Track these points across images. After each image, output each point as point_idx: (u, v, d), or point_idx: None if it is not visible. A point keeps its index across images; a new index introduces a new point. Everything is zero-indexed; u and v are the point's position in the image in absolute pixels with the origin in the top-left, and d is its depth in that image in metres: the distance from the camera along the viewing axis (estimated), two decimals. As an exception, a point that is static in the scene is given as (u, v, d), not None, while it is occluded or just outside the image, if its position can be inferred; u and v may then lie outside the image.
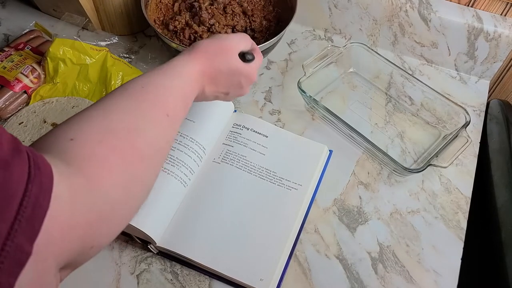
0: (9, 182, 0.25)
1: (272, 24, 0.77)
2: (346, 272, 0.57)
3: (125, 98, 0.40)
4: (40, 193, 0.26)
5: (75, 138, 0.34)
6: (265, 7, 0.78)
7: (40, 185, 0.26)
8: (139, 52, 0.81)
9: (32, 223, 0.25)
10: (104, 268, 0.56)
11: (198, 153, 0.62)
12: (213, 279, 0.56)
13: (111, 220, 0.34)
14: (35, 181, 0.26)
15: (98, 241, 0.33)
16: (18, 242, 0.24)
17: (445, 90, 0.77)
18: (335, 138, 0.70)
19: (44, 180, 0.27)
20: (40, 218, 0.26)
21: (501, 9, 0.74)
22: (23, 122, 0.67)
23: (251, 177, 0.62)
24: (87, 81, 0.73)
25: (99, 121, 0.36)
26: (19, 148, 0.27)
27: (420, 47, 0.80)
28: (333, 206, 0.63)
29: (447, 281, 0.57)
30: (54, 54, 0.70)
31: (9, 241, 0.23)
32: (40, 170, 0.27)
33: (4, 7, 0.87)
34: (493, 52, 0.76)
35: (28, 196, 0.25)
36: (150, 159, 0.38)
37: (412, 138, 0.70)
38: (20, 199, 0.25)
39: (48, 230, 0.26)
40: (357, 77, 0.78)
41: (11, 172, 0.25)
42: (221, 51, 0.50)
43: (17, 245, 0.24)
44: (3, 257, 0.23)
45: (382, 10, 0.78)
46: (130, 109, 0.39)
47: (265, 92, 0.76)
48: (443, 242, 0.60)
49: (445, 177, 0.67)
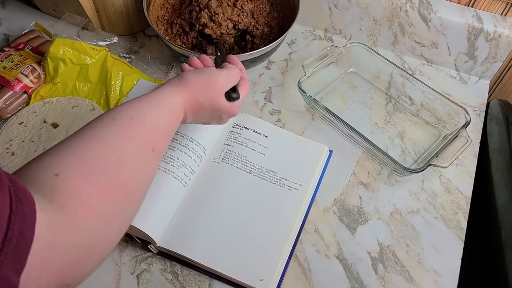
0: None
1: (273, 31, 0.77)
2: (346, 272, 0.57)
3: (113, 131, 0.39)
4: (23, 225, 0.26)
5: (60, 173, 0.33)
6: (270, 13, 0.78)
7: (23, 217, 0.26)
8: (139, 52, 0.81)
9: (18, 255, 0.25)
10: (104, 268, 0.56)
11: (198, 153, 0.62)
12: (213, 279, 0.56)
13: (90, 258, 0.34)
14: (18, 213, 0.26)
15: (74, 280, 0.33)
16: (4, 275, 0.24)
17: (445, 90, 0.77)
18: (335, 138, 0.70)
19: (27, 212, 0.27)
20: (26, 250, 0.26)
21: (501, 9, 0.74)
22: (23, 122, 0.67)
23: (251, 177, 0.62)
24: (87, 81, 0.73)
25: (85, 154, 0.36)
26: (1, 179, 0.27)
27: (420, 47, 0.80)
28: (333, 206, 0.63)
29: (447, 281, 0.57)
30: (54, 54, 0.70)
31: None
32: (21, 202, 0.27)
33: (4, 7, 0.87)
34: (493, 52, 0.76)
35: (12, 228, 0.25)
36: (133, 194, 0.38)
37: (412, 138, 0.70)
38: (5, 231, 0.25)
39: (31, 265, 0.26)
40: (357, 77, 0.78)
41: None
42: (208, 88, 0.50)
43: (4, 277, 0.24)
44: None
45: (382, 10, 0.78)
46: (118, 143, 0.39)
47: (265, 92, 0.76)
48: (443, 242, 0.60)
49: (445, 177, 0.67)
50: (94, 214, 0.33)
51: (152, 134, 0.42)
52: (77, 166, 0.34)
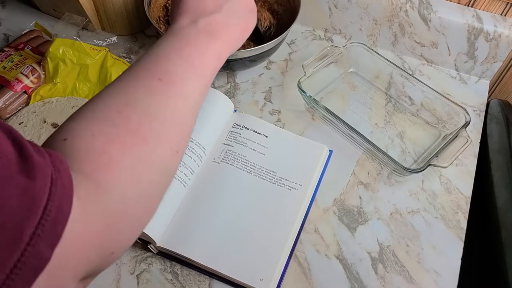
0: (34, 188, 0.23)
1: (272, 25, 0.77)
2: (346, 272, 0.57)
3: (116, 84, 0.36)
4: (62, 197, 0.25)
5: (68, 137, 0.30)
6: (271, 13, 0.78)
7: (62, 187, 0.25)
8: (139, 52, 0.81)
9: (55, 228, 0.24)
10: (104, 268, 0.56)
11: (198, 153, 0.62)
12: (213, 279, 0.56)
13: (127, 219, 0.31)
14: (58, 184, 0.25)
15: (117, 245, 0.31)
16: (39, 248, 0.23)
17: (445, 90, 0.77)
18: (335, 138, 0.70)
19: (65, 183, 0.26)
20: (63, 223, 0.24)
21: (501, 9, 0.74)
22: (23, 122, 0.67)
23: (251, 177, 0.62)
24: (87, 81, 0.73)
25: (87, 114, 0.33)
26: (40, 150, 0.26)
27: (420, 47, 0.80)
28: (333, 206, 0.63)
29: (447, 281, 0.57)
30: (54, 54, 0.70)
31: (30, 246, 0.22)
32: (60, 172, 0.25)
33: (4, 7, 0.87)
34: (493, 52, 0.76)
35: (52, 200, 0.24)
36: (154, 135, 0.33)
37: (412, 138, 0.70)
38: (45, 202, 0.23)
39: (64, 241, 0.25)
40: (357, 77, 0.78)
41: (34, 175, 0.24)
42: None
43: (37, 251, 0.23)
44: (21, 263, 0.22)
45: (382, 10, 0.78)
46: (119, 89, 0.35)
47: (265, 92, 0.76)
48: (443, 242, 0.60)
49: (445, 177, 0.67)
50: (113, 168, 0.30)
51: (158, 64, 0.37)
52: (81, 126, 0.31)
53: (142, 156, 0.32)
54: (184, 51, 0.38)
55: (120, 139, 0.31)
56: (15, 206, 0.22)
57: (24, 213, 0.22)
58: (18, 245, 0.22)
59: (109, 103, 0.33)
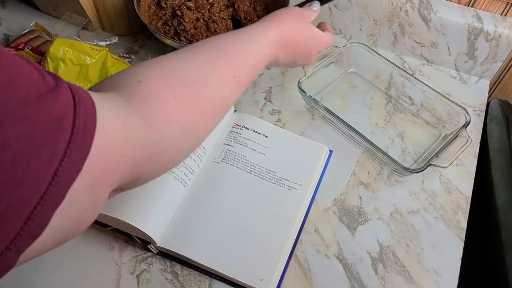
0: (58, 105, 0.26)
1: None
2: (346, 272, 0.57)
3: (199, 53, 0.42)
4: (87, 115, 0.28)
5: (142, 80, 0.35)
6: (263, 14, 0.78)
7: (85, 107, 0.28)
8: (139, 52, 0.81)
9: (84, 143, 0.27)
10: (104, 268, 0.56)
11: (198, 153, 0.62)
12: (213, 279, 0.56)
13: (160, 159, 0.36)
14: (81, 103, 0.28)
15: (146, 174, 0.36)
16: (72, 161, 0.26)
17: (445, 90, 0.77)
18: (335, 138, 0.70)
19: (87, 103, 0.29)
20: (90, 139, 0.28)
21: (501, 9, 0.74)
22: (23, 122, 0.67)
23: (251, 177, 0.62)
24: (87, 81, 0.73)
25: (169, 69, 0.38)
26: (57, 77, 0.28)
27: (420, 47, 0.80)
28: (333, 206, 0.63)
29: (447, 281, 0.57)
30: (54, 54, 0.70)
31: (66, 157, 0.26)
32: (79, 94, 0.28)
33: (4, 7, 0.87)
34: (493, 52, 0.76)
35: (77, 118, 0.27)
36: (209, 114, 0.39)
37: (412, 138, 0.70)
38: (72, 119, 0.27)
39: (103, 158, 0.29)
40: (357, 77, 0.78)
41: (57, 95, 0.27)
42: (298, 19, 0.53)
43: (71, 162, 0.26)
44: (60, 172, 0.25)
45: (382, 10, 0.78)
46: (202, 63, 0.41)
47: (265, 92, 0.76)
48: (443, 242, 0.60)
49: (445, 177, 0.67)
50: (168, 120, 0.35)
51: (236, 62, 0.44)
52: (159, 76, 0.37)
53: (193, 121, 0.38)
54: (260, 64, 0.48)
55: (185, 103, 0.37)
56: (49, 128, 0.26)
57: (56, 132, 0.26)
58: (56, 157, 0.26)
59: (188, 71, 0.39)
